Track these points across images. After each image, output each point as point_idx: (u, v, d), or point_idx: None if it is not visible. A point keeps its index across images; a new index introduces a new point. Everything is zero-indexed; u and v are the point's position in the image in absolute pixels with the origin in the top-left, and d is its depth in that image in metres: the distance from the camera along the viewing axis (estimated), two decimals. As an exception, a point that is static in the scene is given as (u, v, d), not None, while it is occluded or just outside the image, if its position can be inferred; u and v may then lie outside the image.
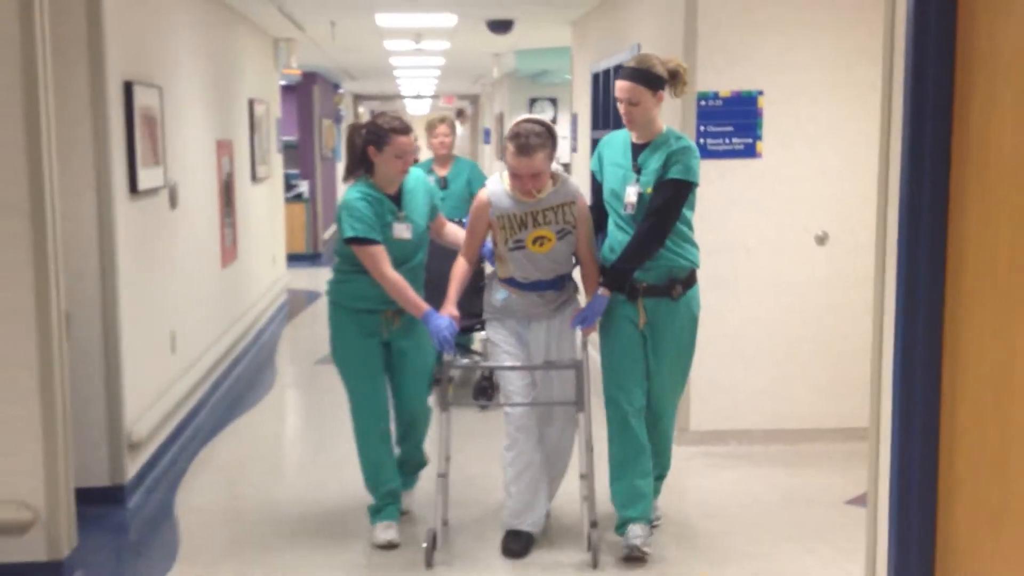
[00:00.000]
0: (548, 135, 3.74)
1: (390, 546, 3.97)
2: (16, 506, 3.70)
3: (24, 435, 3.70)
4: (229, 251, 7.27)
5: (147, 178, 5.00)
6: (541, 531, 4.00)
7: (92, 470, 4.44)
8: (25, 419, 3.70)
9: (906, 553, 2.85)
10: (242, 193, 7.89)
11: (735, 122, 5.09)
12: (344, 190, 4.08)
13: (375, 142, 3.86)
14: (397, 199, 3.94)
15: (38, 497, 3.73)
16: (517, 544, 3.91)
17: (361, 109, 22.14)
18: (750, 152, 5.14)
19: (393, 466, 4.12)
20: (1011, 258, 2.48)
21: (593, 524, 3.82)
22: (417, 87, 18.74)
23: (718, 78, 5.07)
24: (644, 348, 3.86)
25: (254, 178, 8.49)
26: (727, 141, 5.10)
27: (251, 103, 8.40)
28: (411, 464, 4.32)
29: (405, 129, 3.88)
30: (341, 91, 17.43)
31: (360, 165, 3.94)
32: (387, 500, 4.08)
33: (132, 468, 4.64)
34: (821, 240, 5.22)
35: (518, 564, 3.85)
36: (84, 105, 4.41)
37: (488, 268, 4.04)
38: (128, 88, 4.76)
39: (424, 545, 3.83)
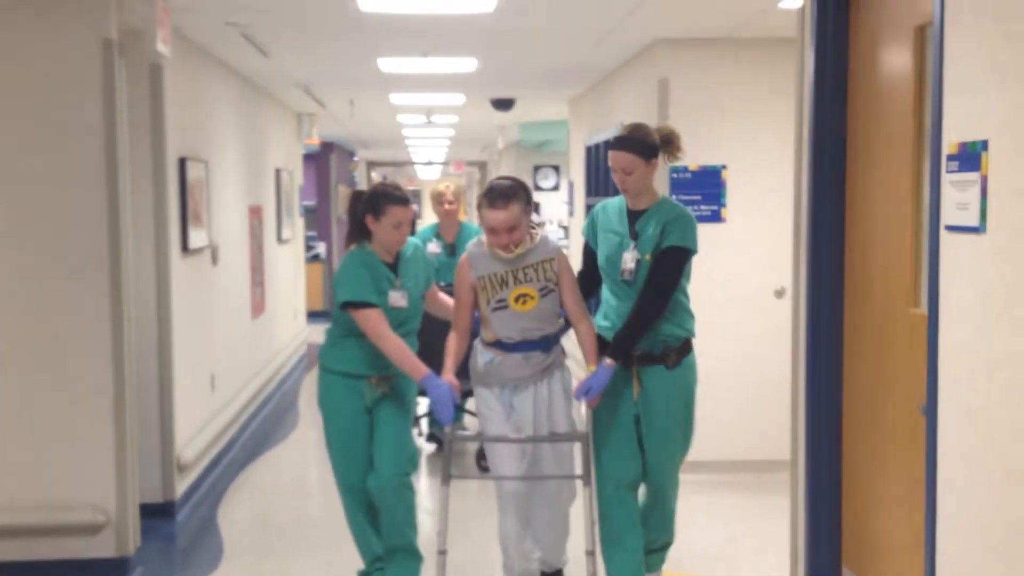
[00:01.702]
0: (520, 189, 3.72)
1: None
2: (92, 510, 4.44)
3: (100, 451, 4.44)
4: (258, 304, 8.07)
5: (195, 239, 5.81)
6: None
7: (148, 487, 5.13)
8: (101, 437, 4.44)
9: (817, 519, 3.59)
10: (269, 253, 8.72)
11: (702, 191, 5.91)
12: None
13: (373, 211, 3.84)
14: (394, 267, 3.93)
15: (110, 503, 4.46)
16: None
17: (374, 175, 23.12)
18: (716, 217, 5.94)
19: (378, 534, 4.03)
20: (885, 293, 3.25)
21: None
22: (428, 154, 19.71)
23: (687, 154, 5.84)
24: (637, 419, 3.79)
25: (280, 240, 9.33)
26: (696, 208, 5.89)
27: (278, 172, 9.27)
28: (401, 551, 4.01)
29: (403, 199, 3.85)
30: (356, 158, 18.38)
31: (360, 232, 3.93)
32: (375, 566, 4.04)
33: (181, 487, 5.37)
34: (780, 294, 5.98)
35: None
36: (147, 178, 5.20)
37: None
38: (182, 163, 5.59)
39: None
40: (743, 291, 6.00)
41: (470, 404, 6.46)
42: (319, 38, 6.13)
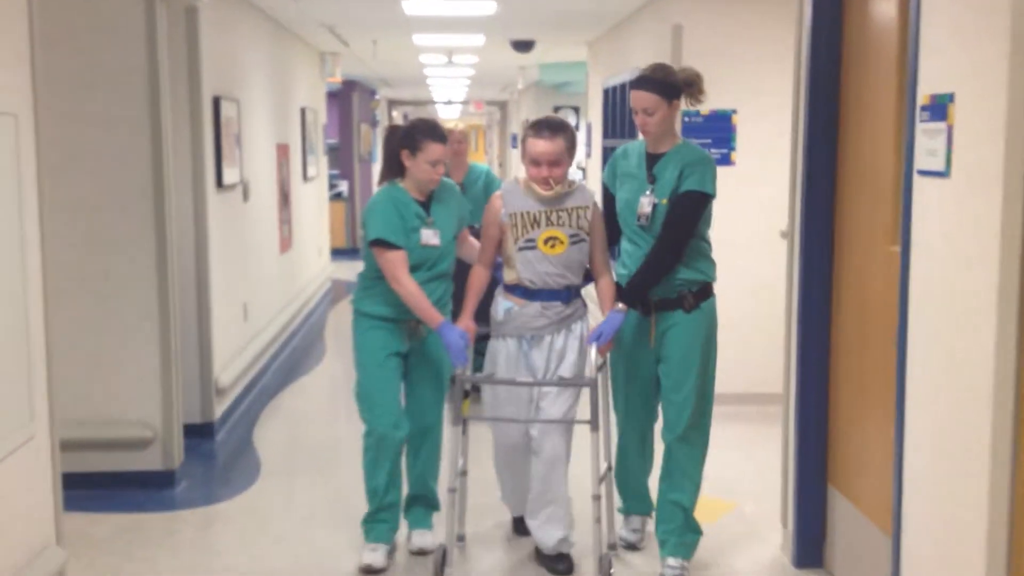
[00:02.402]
0: (569, 127, 3.72)
1: (370, 571, 3.82)
2: (141, 426, 4.83)
3: (147, 372, 4.83)
4: (286, 240, 8.41)
5: (229, 175, 6.12)
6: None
7: (188, 409, 5.52)
8: (148, 359, 4.82)
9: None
10: (296, 190, 9.03)
11: (713, 135, 6.16)
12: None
13: (409, 146, 3.78)
14: (426, 205, 3.86)
15: (156, 420, 4.85)
16: (524, 527, 4.07)
17: (395, 113, 23.30)
18: (726, 161, 6.20)
19: (397, 481, 3.96)
20: (869, 232, 3.53)
21: (612, 547, 3.80)
22: (449, 93, 19.87)
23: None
24: (655, 366, 3.80)
25: (305, 178, 9.63)
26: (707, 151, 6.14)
27: (303, 111, 9.54)
28: (421, 499, 4.09)
29: (441, 136, 3.78)
30: (377, 97, 18.58)
31: (394, 168, 3.88)
32: (382, 516, 3.95)
33: (219, 409, 5.76)
34: (786, 235, 6.24)
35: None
36: (184, 117, 5.50)
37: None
38: (216, 102, 5.88)
39: (434, 560, 3.68)
40: (751, 232, 6.26)
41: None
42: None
